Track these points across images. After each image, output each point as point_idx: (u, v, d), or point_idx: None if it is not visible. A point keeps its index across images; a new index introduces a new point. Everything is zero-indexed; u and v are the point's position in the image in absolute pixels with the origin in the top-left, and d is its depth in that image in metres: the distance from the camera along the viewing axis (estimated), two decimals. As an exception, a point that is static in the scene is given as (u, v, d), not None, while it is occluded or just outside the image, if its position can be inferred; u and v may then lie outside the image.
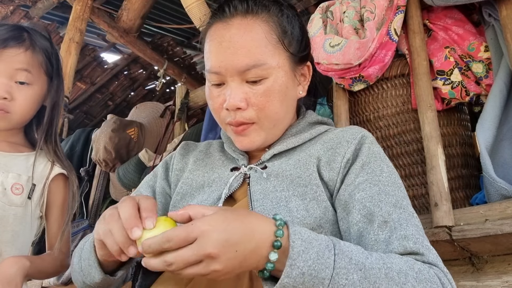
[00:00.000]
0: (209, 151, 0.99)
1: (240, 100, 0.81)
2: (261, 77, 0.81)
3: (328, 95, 1.66)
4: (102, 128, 2.65)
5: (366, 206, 0.73)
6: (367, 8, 1.33)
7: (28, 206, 1.08)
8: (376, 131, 1.37)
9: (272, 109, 0.83)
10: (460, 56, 1.26)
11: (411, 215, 0.73)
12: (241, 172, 0.86)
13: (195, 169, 0.93)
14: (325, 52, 1.31)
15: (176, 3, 2.17)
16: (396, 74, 1.36)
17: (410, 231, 0.69)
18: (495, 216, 1.02)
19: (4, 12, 2.64)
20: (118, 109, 3.86)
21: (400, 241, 0.68)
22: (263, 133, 0.85)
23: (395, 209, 0.72)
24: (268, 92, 0.81)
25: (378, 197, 0.74)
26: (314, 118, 0.96)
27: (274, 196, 0.78)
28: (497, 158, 1.12)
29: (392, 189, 0.76)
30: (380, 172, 0.78)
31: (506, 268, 1.09)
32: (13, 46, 1.06)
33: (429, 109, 1.22)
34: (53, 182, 1.14)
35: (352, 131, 0.86)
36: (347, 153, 0.80)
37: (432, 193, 1.12)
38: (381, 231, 0.70)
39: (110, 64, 3.55)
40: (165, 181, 0.97)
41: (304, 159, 0.83)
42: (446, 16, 1.32)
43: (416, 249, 0.67)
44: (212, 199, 0.83)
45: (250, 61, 0.80)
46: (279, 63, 0.82)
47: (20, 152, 1.13)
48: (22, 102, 1.08)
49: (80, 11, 2.06)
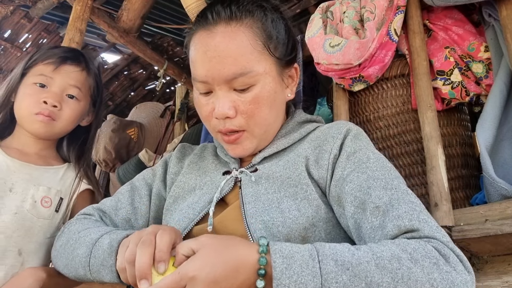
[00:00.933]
0: (203, 154, 0.99)
1: (229, 108, 0.80)
2: (249, 84, 0.81)
3: (328, 95, 1.66)
4: (102, 128, 2.65)
5: (357, 196, 0.72)
6: (367, 8, 1.33)
7: (54, 219, 1.11)
8: (376, 131, 1.37)
9: (262, 115, 0.83)
10: (460, 56, 1.26)
11: (404, 193, 0.71)
12: (232, 175, 0.86)
13: (188, 172, 0.94)
14: (325, 52, 1.31)
15: (176, 3, 2.17)
16: (396, 74, 1.36)
17: (402, 209, 0.67)
18: (495, 216, 1.02)
19: (4, 12, 2.63)
20: (118, 109, 3.86)
21: (393, 222, 0.66)
22: (255, 140, 0.86)
23: (385, 191, 0.71)
24: (256, 99, 0.81)
25: (366, 184, 0.73)
26: (303, 117, 0.95)
27: (265, 198, 0.78)
28: (497, 158, 1.12)
29: (381, 173, 0.75)
30: (366, 159, 0.77)
31: (506, 268, 1.09)
32: (71, 64, 1.17)
33: (429, 109, 1.22)
34: (80, 196, 1.19)
35: (338, 126, 0.85)
36: (333, 149, 0.80)
37: (432, 193, 1.12)
38: (374, 217, 0.69)
39: (110, 64, 3.55)
40: (162, 183, 0.98)
41: (293, 159, 0.83)
42: (446, 16, 1.32)
43: (411, 226, 0.65)
44: (203, 202, 0.84)
45: (236, 70, 0.79)
46: (266, 69, 0.82)
47: (51, 166, 1.18)
48: (68, 114, 1.16)
49: (80, 11, 2.06)
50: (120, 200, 0.96)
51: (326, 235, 0.76)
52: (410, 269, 0.58)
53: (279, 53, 0.86)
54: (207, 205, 0.83)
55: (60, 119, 1.15)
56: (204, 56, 0.81)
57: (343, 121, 0.89)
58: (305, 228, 0.73)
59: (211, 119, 0.85)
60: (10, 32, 2.87)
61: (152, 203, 0.96)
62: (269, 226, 0.74)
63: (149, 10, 2.30)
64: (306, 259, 0.58)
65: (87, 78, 1.20)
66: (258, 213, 0.76)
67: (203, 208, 0.83)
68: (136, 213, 0.94)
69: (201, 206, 0.83)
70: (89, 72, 1.21)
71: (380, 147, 1.35)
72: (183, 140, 2.33)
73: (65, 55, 1.17)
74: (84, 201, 1.19)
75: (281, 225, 0.73)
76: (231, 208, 0.81)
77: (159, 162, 1.03)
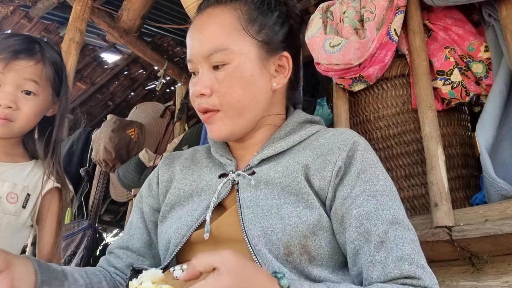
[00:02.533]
0: (196, 157, 0.96)
1: (204, 86, 0.81)
2: (223, 62, 0.81)
3: (328, 95, 1.66)
4: (102, 128, 2.65)
5: (363, 224, 0.72)
6: (367, 8, 1.33)
7: (21, 215, 1.09)
8: (376, 131, 1.37)
9: (234, 96, 0.81)
10: (460, 56, 1.26)
11: (406, 229, 0.72)
12: (229, 178, 0.83)
13: (183, 178, 0.91)
14: (325, 52, 1.31)
15: (176, 3, 2.17)
16: (396, 74, 1.36)
17: (406, 251, 0.69)
18: (495, 216, 1.02)
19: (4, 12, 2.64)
20: (118, 109, 3.86)
21: (396, 264, 0.67)
22: (229, 122, 0.83)
23: (391, 226, 0.71)
24: (229, 77, 0.81)
25: (375, 214, 0.72)
26: (303, 117, 0.92)
27: (265, 204, 0.76)
28: (497, 158, 1.12)
29: (388, 199, 0.74)
30: (376, 180, 0.76)
31: (506, 268, 1.09)
32: (24, 58, 1.09)
33: (429, 109, 1.22)
34: (48, 194, 1.15)
35: (344, 136, 0.83)
36: (338, 161, 0.78)
37: (432, 193, 1.12)
38: (377, 252, 0.69)
39: (110, 64, 3.55)
40: (150, 197, 0.95)
41: (292, 166, 0.80)
42: (446, 16, 1.32)
43: (412, 273, 0.67)
44: (201, 208, 0.82)
45: (212, 46, 0.81)
46: (243, 49, 0.82)
47: (17, 162, 1.15)
48: (26, 112, 1.09)
49: (80, 11, 2.06)
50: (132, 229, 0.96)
51: (326, 244, 0.75)
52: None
53: (263, 37, 0.85)
54: (205, 210, 0.81)
55: (18, 119, 1.09)
56: (189, 36, 0.86)
57: (348, 130, 0.86)
58: (305, 236, 0.72)
59: (194, 99, 0.85)
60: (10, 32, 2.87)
61: (147, 221, 0.94)
62: (268, 233, 0.72)
63: (149, 10, 2.30)
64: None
65: (43, 69, 1.12)
66: (256, 219, 0.74)
67: (201, 214, 0.81)
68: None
69: (199, 212, 0.81)
70: (45, 62, 1.13)
71: (380, 147, 1.35)
72: (183, 140, 2.33)
73: (16, 48, 1.08)
74: (53, 198, 1.16)
75: (281, 232, 0.72)
76: (228, 213, 0.79)
77: (143, 185, 1.00)
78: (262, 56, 0.84)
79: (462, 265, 1.17)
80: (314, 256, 0.73)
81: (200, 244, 0.79)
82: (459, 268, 1.17)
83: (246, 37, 0.83)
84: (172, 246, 0.81)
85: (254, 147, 0.89)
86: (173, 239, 0.81)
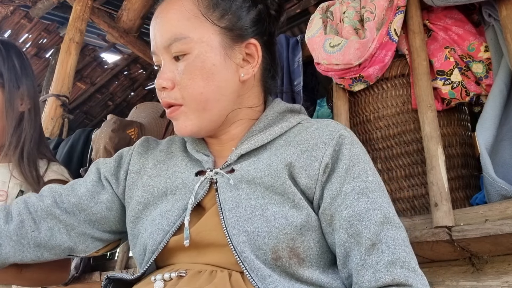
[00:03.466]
0: (171, 150, 0.88)
1: (165, 79, 0.76)
2: (183, 51, 0.76)
3: (328, 95, 1.66)
4: (102, 128, 2.64)
5: (354, 225, 0.69)
6: (367, 8, 1.33)
7: None
8: (376, 131, 1.37)
9: (196, 87, 0.75)
10: (460, 56, 1.26)
11: (397, 228, 0.70)
12: (206, 177, 0.77)
13: (156, 174, 0.83)
14: (325, 52, 1.31)
15: (176, 3, 2.17)
16: (396, 74, 1.36)
17: (397, 254, 0.66)
18: (495, 216, 1.02)
19: (4, 12, 2.64)
20: (118, 109, 3.86)
21: (387, 268, 0.65)
22: (193, 117, 0.77)
23: (382, 227, 0.68)
24: (189, 68, 0.75)
25: (366, 215, 0.69)
26: (283, 106, 0.85)
27: (248, 205, 0.70)
28: (497, 158, 1.12)
29: (378, 195, 0.71)
30: (366, 176, 0.73)
31: (506, 268, 1.09)
32: None
33: (429, 109, 1.22)
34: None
35: (329, 129, 0.77)
36: (325, 157, 0.73)
37: (432, 193, 1.12)
38: (368, 255, 0.66)
39: (110, 64, 3.56)
40: (113, 176, 0.87)
41: (275, 165, 0.74)
42: (446, 16, 1.32)
43: (404, 279, 0.64)
44: (177, 209, 0.75)
45: (171, 35, 0.76)
46: (203, 37, 0.76)
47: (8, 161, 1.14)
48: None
49: (80, 11, 2.06)
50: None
51: (315, 243, 0.71)
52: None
53: (226, 23, 0.78)
54: (181, 213, 0.74)
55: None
56: (151, 26, 0.81)
57: (333, 122, 0.80)
58: (293, 239, 0.68)
59: (159, 94, 0.80)
60: (10, 32, 2.87)
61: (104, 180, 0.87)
62: (253, 238, 0.67)
63: (149, 10, 2.30)
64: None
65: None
66: (240, 223, 0.69)
67: (177, 217, 0.74)
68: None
69: (176, 215, 0.75)
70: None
71: (380, 147, 1.35)
72: (183, 140, 2.33)
73: None
74: None
75: (267, 236, 0.67)
76: (209, 216, 0.73)
77: (114, 156, 0.92)
78: (226, 44, 0.78)
79: (462, 265, 1.17)
80: (303, 258, 0.69)
81: (180, 250, 0.73)
82: (459, 268, 1.17)
83: (207, 24, 0.77)
84: (149, 253, 0.74)
85: (231, 142, 0.83)
86: (149, 245, 0.74)
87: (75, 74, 2.42)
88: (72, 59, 2.01)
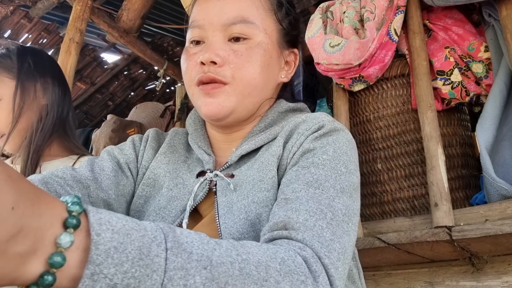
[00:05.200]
0: (173, 143, 0.85)
1: (217, 54, 0.72)
2: (246, 35, 0.74)
3: (328, 95, 1.66)
4: (102, 129, 2.65)
5: (283, 191, 0.62)
6: (367, 8, 1.33)
7: None
8: (376, 131, 1.37)
9: (252, 71, 0.73)
10: (460, 56, 1.26)
11: (324, 191, 0.59)
12: (206, 178, 0.73)
13: (157, 166, 0.81)
14: (325, 52, 1.31)
15: (176, 3, 2.17)
16: (396, 74, 1.36)
17: (304, 206, 0.56)
18: (495, 216, 1.02)
19: (4, 12, 2.64)
20: (118, 109, 3.86)
21: (283, 212, 0.56)
22: (235, 100, 0.73)
23: (307, 187, 0.59)
24: (250, 51, 0.73)
25: (295, 177, 0.61)
26: (285, 106, 0.82)
27: (236, 208, 0.66)
28: (497, 158, 1.12)
29: (321, 171, 0.61)
30: (321, 154, 0.64)
31: (506, 268, 1.09)
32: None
33: (429, 109, 1.22)
34: None
35: (310, 119, 0.72)
36: (293, 147, 0.68)
37: (432, 193, 1.12)
38: (276, 206, 0.59)
39: (110, 64, 3.56)
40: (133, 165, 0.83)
41: (267, 159, 0.70)
42: (446, 16, 1.32)
43: (291, 223, 0.54)
44: (174, 209, 0.72)
45: (238, 15, 0.74)
46: (268, 29, 0.76)
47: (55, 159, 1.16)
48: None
49: (80, 11, 2.06)
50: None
51: None
52: (278, 284, 0.45)
53: (286, 25, 0.81)
54: (179, 214, 0.71)
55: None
56: (206, 3, 0.76)
57: (322, 114, 0.74)
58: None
59: (193, 69, 0.75)
60: (10, 32, 2.87)
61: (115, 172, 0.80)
62: None
63: (149, 10, 2.30)
64: (148, 242, 0.39)
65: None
66: (227, 229, 0.65)
67: (175, 218, 0.71)
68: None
69: (173, 216, 0.71)
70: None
71: (380, 147, 1.35)
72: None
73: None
74: None
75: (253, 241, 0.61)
76: (205, 223, 0.70)
77: (127, 143, 0.87)
78: (281, 45, 0.79)
79: (462, 265, 1.17)
80: None
81: None
82: (459, 268, 1.17)
83: (273, 20, 0.78)
84: None
85: (237, 141, 0.80)
86: None
87: (75, 74, 2.42)
88: (72, 59, 2.01)
